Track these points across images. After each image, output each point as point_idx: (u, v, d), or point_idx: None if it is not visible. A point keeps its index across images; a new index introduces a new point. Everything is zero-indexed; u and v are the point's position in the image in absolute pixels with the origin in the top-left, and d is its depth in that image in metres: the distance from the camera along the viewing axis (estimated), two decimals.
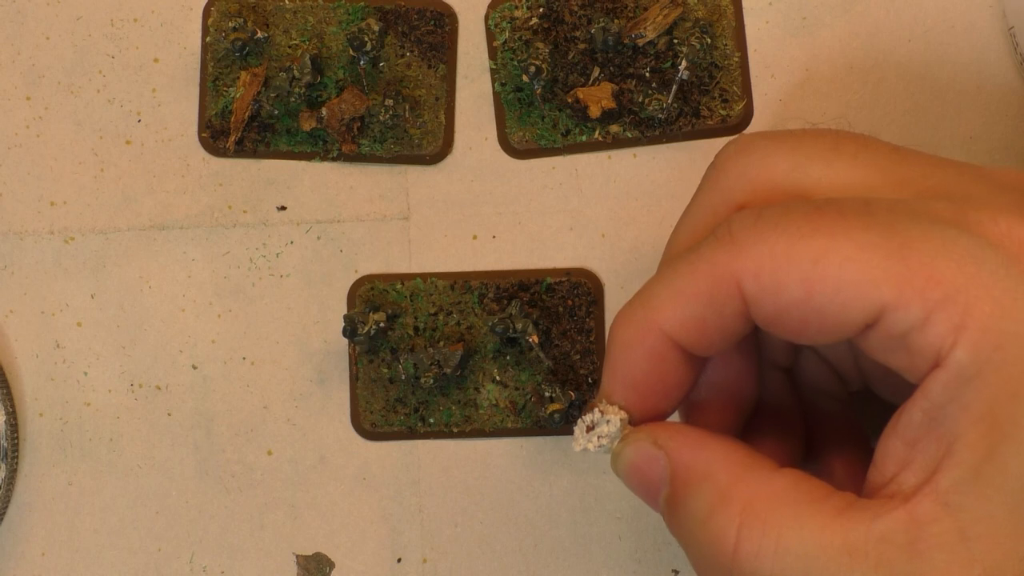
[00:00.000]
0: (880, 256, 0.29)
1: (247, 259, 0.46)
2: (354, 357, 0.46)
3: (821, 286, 0.29)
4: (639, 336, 0.33)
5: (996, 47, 0.45)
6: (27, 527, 0.46)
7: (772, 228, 0.30)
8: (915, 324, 0.29)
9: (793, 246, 0.30)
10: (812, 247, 0.30)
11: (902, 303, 0.29)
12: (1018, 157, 0.45)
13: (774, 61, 0.45)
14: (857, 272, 0.29)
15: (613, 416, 0.33)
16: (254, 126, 0.46)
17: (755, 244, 0.30)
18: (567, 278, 0.45)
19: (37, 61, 0.46)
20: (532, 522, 0.46)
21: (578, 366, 0.45)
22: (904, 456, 0.30)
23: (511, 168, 0.46)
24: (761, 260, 0.30)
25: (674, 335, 0.32)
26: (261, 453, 0.46)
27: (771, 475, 0.31)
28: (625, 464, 0.33)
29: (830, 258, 0.29)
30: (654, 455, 0.33)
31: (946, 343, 0.28)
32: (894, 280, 0.29)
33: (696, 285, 0.31)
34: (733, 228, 0.31)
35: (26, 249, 0.46)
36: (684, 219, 0.35)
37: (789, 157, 0.33)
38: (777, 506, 0.30)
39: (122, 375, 0.46)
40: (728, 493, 0.31)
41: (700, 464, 0.32)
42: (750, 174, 0.33)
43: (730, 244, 0.31)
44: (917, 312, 0.29)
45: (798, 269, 0.30)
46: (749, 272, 0.30)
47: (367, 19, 0.45)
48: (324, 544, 0.46)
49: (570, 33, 0.45)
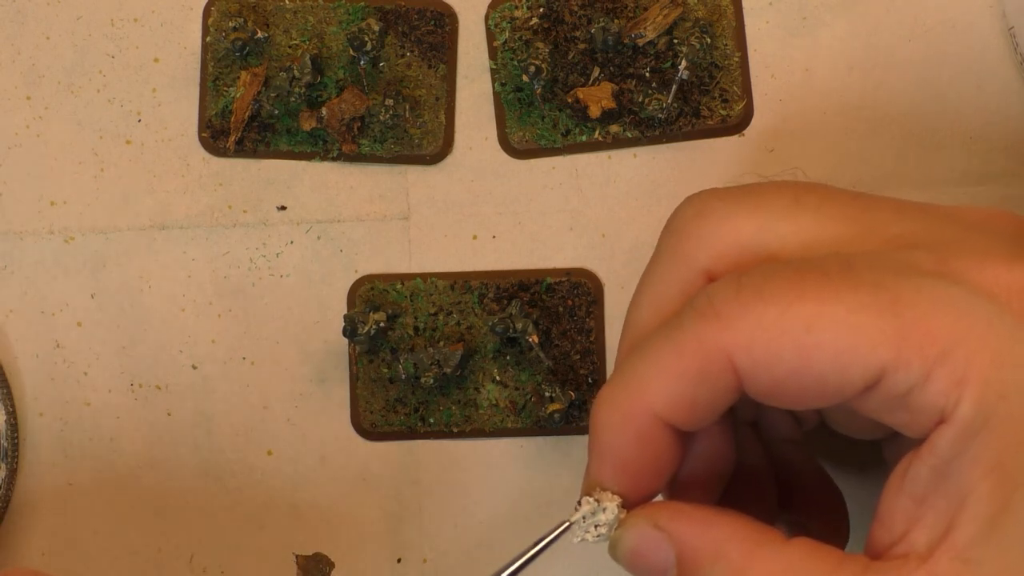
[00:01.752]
0: (873, 317, 0.28)
1: (247, 259, 0.46)
2: (354, 357, 0.46)
3: (818, 353, 0.29)
4: (627, 419, 0.32)
5: (996, 47, 0.45)
6: (27, 527, 0.46)
7: (757, 297, 0.29)
8: (916, 382, 0.28)
9: (783, 315, 0.29)
10: (803, 314, 0.29)
11: (902, 363, 0.28)
12: (1018, 157, 0.45)
13: (774, 61, 0.45)
14: (853, 336, 0.28)
15: (609, 503, 0.32)
16: (254, 126, 0.46)
17: (742, 316, 0.29)
18: (567, 278, 0.45)
19: (37, 61, 0.46)
20: (532, 522, 0.46)
21: (578, 366, 0.45)
22: (913, 513, 0.29)
23: (511, 168, 0.46)
24: (752, 332, 0.29)
25: (664, 415, 0.31)
26: (261, 453, 0.46)
27: (783, 548, 0.30)
28: (626, 550, 0.32)
29: (823, 324, 0.29)
30: (656, 538, 0.32)
31: (950, 399, 0.28)
32: (891, 340, 0.28)
33: (684, 363, 0.30)
34: (715, 301, 0.30)
35: (26, 249, 0.46)
36: (645, 288, 0.34)
37: (751, 218, 0.32)
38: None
39: (122, 375, 0.46)
40: (744, 572, 0.30)
41: (709, 544, 0.31)
42: (712, 239, 0.32)
43: (715, 318, 0.30)
44: (917, 370, 0.28)
45: (792, 338, 0.29)
46: (740, 346, 0.29)
47: (367, 19, 0.45)
48: (324, 544, 0.46)
49: (570, 33, 0.45)
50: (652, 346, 0.31)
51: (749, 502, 0.36)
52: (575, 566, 0.46)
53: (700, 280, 0.33)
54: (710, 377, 0.30)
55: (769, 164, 0.45)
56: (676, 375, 0.31)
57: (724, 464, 0.35)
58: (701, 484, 0.35)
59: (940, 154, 0.45)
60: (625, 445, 0.32)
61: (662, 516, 0.32)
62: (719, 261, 0.32)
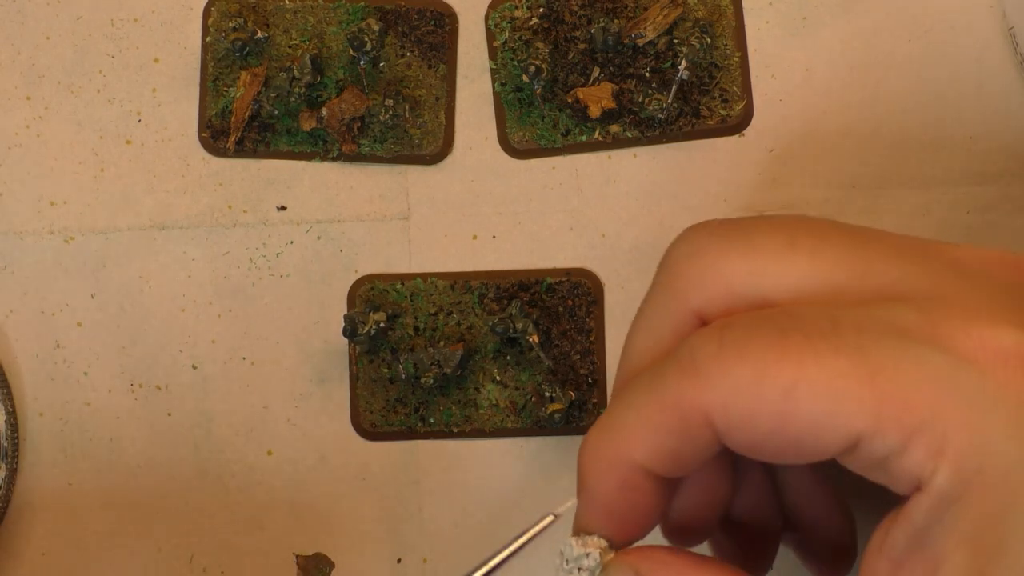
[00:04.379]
0: (852, 384, 0.28)
1: (247, 259, 0.46)
2: (354, 357, 0.46)
3: (794, 419, 0.29)
4: (610, 468, 0.32)
5: (996, 47, 0.45)
6: (27, 527, 0.46)
7: (737, 357, 0.29)
8: (893, 451, 0.28)
9: (761, 378, 0.29)
10: (781, 378, 0.29)
11: (879, 432, 0.28)
12: (1018, 157, 0.45)
13: (774, 61, 0.45)
14: (830, 403, 0.28)
15: (593, 549, 0.33)
16: (254, 126, 0.46)
17: (721, 377, 0.29)
18: (567, 278, 0.45)
19: (37, 61, 0.46)
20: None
21: (578, 366, 0.45)
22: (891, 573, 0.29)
23: (511, 168, 0.46)
24: (729, 394, 0.29)
25: (646, 465, 0.31)
26: (261, 453, 0.46)
27: None
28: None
29: (801, 389, 0.29)
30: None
31: (926, 469, 0.28)
32: (868, 409, 0.28)
33: (663, 417, 0.31)
34: (696, 357, 0.30)
35: (26, 249, 0.46)
36: (640, 322, 0.34)
37: (744, 261, 0.32)
38: None
39: (122, 375, 0.46)
40: None
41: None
42: (705, 281, 0.32)
43: (694, 376, 0.30)
44: (894, 440, 0.28)
45: (768, 403, 0.29)
46: (717, 406, 0.30)
47: (367, 19, 0.45)
48: (324, 544, 0.46)
49: (570, 33, 0.45)
50: (635, 396, 0.31)
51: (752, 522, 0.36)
52: None
53: (692, 321, 0.33)
54: (689, 432, 0.30)
55: (769, 164, 0.45)
56: (656, 428, 0.31)
57: (720, 495, 0.35)
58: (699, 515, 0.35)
59: (940, 154, 0.45)
60: (609, 492, 0.32)
61: (643, 564, 0.32)
62: (710, 304, 0.32)
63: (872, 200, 0.45)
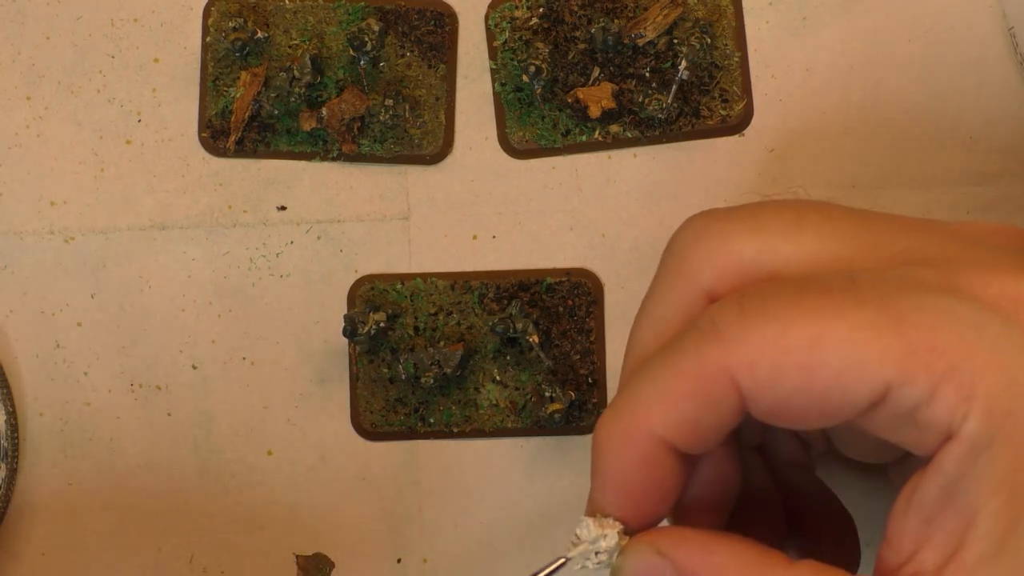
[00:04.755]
0: (878, 333, 0.28)
1: (247, 259, 0.46)
2: (354, 357, 0.46)
3: (822, 371, 0.28)
4: (629, 443, 0.31)
5: (996, 47, 0.45)
6: (27, 527, 0.46)
7: (759, 318, 0.29)
8: (922, 399, 0.28)
9: (786, 333, 0.29)
10: (806, 332, 0.29)
11: (907, 379, 0.28)
12: (1018, 157, 0.45)
13: (774, 61, 0.45)
14: (857, 352, 0.28)
15: (610, 530, 0.32)
16: (254, 126, 0.46)
17: (745, 337, 0.29)
18: (567, 278, 0.45)
19: (37, 61, 0.46)
20: (532, 522, 0.46)
21: (578, 366, 0.45)
22: (921, 533, 0.29)
23: (511, 168, 0.46)
24: (755, 352, 0.29)
25: (667, 438, 0.31)
26: (261, 453, 0.46)
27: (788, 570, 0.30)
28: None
29: (827, 341, 0.28)
30: (658, 565, 0.31)
31: (956, 415, 0.28)
32: (896, 356, 0.28)
33: (686, 385, 0.30)
34: (717, 322, 0.30)
35: (26, 249, 0.46)
36: (647, 309, 0.34)
37: (752, 238, 0.32)
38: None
39: (122, 375, 0.46)
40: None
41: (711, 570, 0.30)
42: (714, 260, 0.32)
43: (717, 339, 0.30)
44: (923, 387, 0.28)
45: (795, 357, 0.29)
46: (744, 366, 0.29)
47: (367, 19, 0.45)
48: (324, 544, 0.46)
49: (570, 33, 0.45)
50: (654, 368, 0.31)
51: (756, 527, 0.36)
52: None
53: (702, 301, 0.32)
54: (713, 398, 0.30)
55: (769, 164, 0.45)
56: (678, 397, 0.30)
57: (730, 488, 0.35)
58: (706, 509, 0.34)
59: (940, 154, 0.45)
60: (627, 469, 0.31)
61: (664, 542, 0.31)
62: (720, 282, 0.32)
63: (872, 200, 0.45)
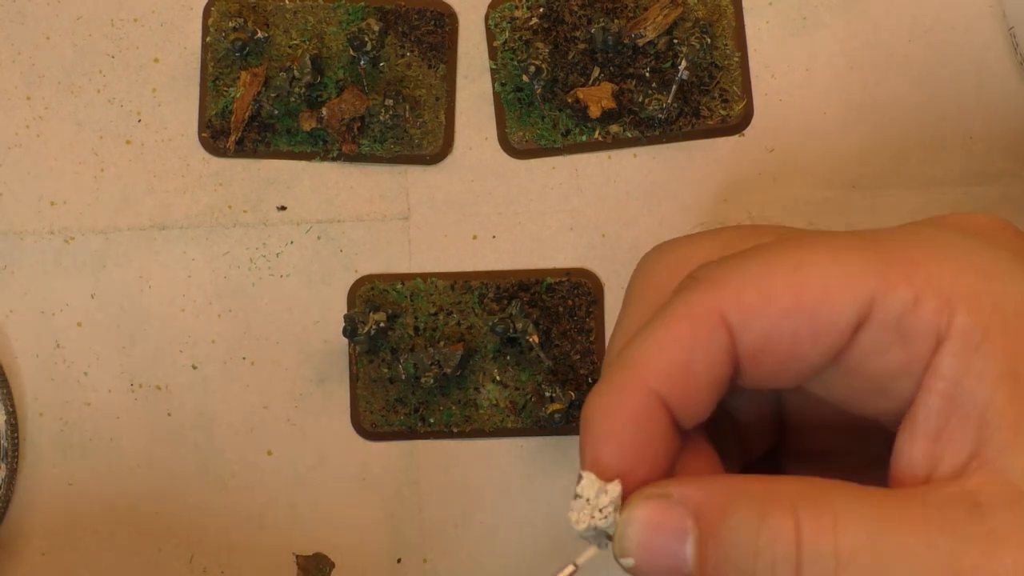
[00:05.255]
0: (857, 252, 0.29)
1: (247, 259, 0.46)
2: (354, 357, 0.46)
3: (807, 288, 0.29)
4: (624, 398, 0.31)
5: (996, 47, 0.45)
6: (27, 527, 0.46)
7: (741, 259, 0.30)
8: (907, 306, 0.29)
9: (769, 264, 0.30)
10: (788, 258, 0.30)
11: (890, 287, 0.29)
12: (1018, 157, 0.45)
13: (774, 61, 0.45)
14: (841, 268, 0.29)
15: (611, 484, 0.30)
16: (254, 126, 0.46)
17: (729, 274, 0.30)
18: (567, 278, 0.46)
19: (37, 61, 0.46)
20: (532, 522, 0.46)
21: (578, 366, 0.45)
22: (933, 452, 0.29)
23: (511, 168, 0.46)
24: (741, 283, 0.30)
25: (661, 389, 0.31)
26: (261, 453, 0.46)
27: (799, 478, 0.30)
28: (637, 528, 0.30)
29: (810, 262, 0.30)
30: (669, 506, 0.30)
31: (943, 317, 0.28)
32: (877, 269, 0.29)
33: (676, 330, 0.30)
34: (699, 274, 0.31)
35: (26, 249, 0.46)
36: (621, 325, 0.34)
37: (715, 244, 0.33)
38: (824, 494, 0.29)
39: (122, 375, 0.46)
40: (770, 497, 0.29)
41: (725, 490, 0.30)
42: (681, 264, 0.33)
43: (702, 286, 0.30)
44: (905, 294, 0.29)
45: (781, 279, 0.30)
46: (731, 299, 0.30)
47: (367, 19, 0.45)
48: (324, 544, 0.46)
49: (570, 33, 0.45)
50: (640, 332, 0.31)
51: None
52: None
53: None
54: (703, 338, 0.30)
55: (769, 164, 0.45)
56: (669, 344, 0.30)
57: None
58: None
59: (940, 154, 0.45)
60: (622, 426, 0.31)
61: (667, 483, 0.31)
62: None
63: (872, 200, 0.45)
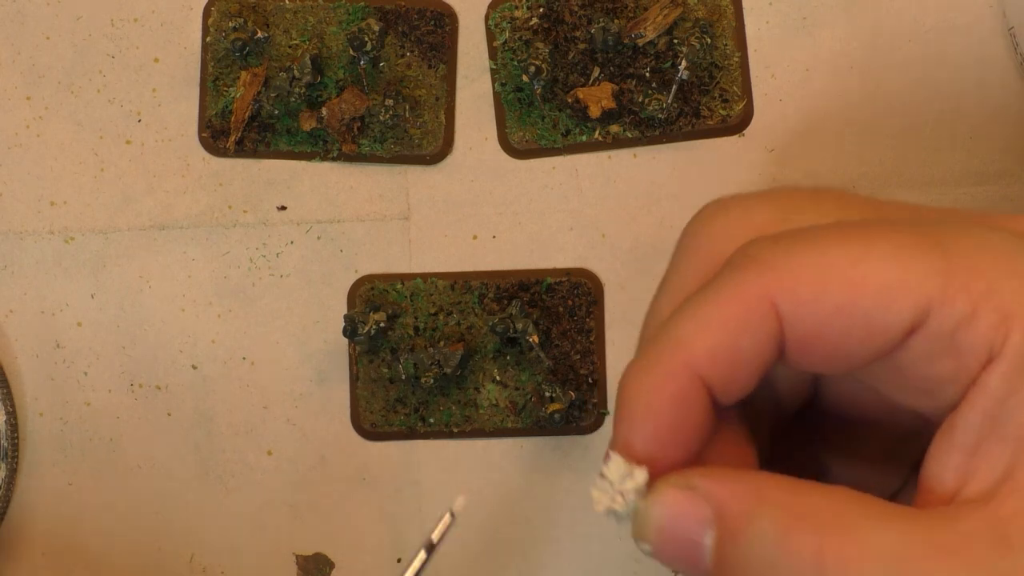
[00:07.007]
0: (919, 253, 0.28)
1: (247, 259, 0.46)
2: (354, 357, 0.46)
3: (864, 288, 0.28)
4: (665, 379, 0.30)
5: (996, 47, 0.45)
6: (27, 527, 0.46)
7: (799, 243, 0.29)
8: (962, 319, 0.28)
9: (827, 254, 0.28)
10: (848, 252, 0.28)
11: (948, 297, 0.28)
12: (1018, 157, 0.45)
13: (774, 61, 0.45)
14: (900, 269, 0.28)
15: (638, 469, 0.30)
16: (254, 126, 0.46)
17: (785, 259, 0.29)
18: (567, 278, 0.46)
19: (37, 61, 0.46)
20: (532, 522, 0.46)
21: (578, 366, 0.45)
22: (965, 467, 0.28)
23: (511, 168, 0.46)
24: (797, 272, 0.29)
25: (704, 371, 0.30)
26: (261, 453, 0.46)
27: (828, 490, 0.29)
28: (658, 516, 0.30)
29: (870, 259, 0.28)
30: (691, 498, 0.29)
31: (998, 334, 0.28)
32: (938, 275, 0.28)
33: (725, 313, 0.29)
34: (753, 253, 0.29)
35: (26, 249, 0.46)
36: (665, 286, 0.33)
37: (772, 209, 0.31)
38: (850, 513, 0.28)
39: (122, 375, 0.46)
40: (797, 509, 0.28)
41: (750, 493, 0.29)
42: (733, 231, 0.31)
43: (756, 267, 0.29)
44: (963, 306, 0.28)
45: (838, 272, 0.28)
46: (785, 287, 0.29)
47: (367, 19, 0.45)
48: (324, 544, 0.46)
49: (570, 33, 0.45)
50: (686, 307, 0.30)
51: None
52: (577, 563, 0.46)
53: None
54: (752, 324, 0.29)
55: (769, 164, 0.45)
56: (717, 326, 0.29)
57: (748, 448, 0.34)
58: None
59: (940, 154, 0.45)
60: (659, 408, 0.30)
61: (694, 475, 0.30)
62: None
63: None
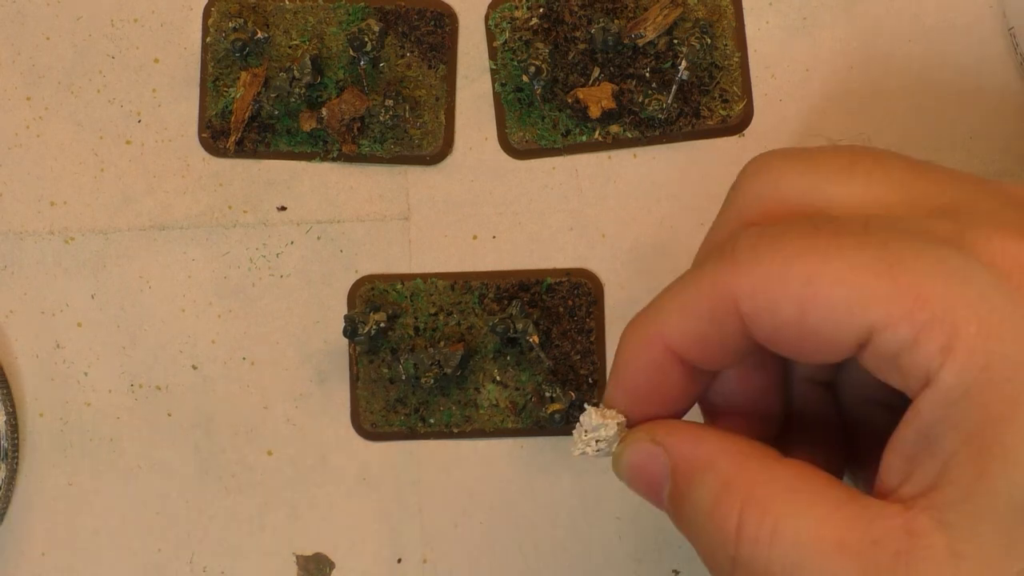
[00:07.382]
0: (870, 276, 0.29)
1: (247, 259, 0.46)
2: (354, 357, 0.46)
3: (813, 306, 0.30)
4: (643, 347, 0.33)
5: (996, 47, 0.45)
6: (27, 527, 0.46)
7: (769, 247, 0.31)
8: (904, 345, 0.29)
9: (787, 266, 0.30)
10: (805, 267, 0.30)
11: (890, 324, 0.29)
12: (1018, 157, 0.45)
13: (774, 61, 0.45)
14: (847, 293, 0.29)
15: (611, 420, 0.34)
16: (254, 126, 0.46)
17: (753, 264, 0.31)
18: (567, 278, 0.46)
19: (37, 61, 0.46)
20: (532, 522, 0.46)
21: (578, 366, 0.45)
22: (904, 470, 0.30)
23: (511, 168, 0.46)
24: (757, 280, 0.31)
25: (676, 348, 0.33)
26: (261, 453, 0.46)
27: (773, 464, 0.31)
28: (626, 464, 0.34)
29: (822, 279, 0.30)
30: (654, 452, 0.33)
31: (934, 364, 0.29)
32: (882, 301, 0.29)
33: (699, 301, 0.32)
34: (735, 246, 0.32)
35: (26, 249, 0.46)
36: (707, 238, 0.36)
37: (803, 177, 0.33)
38: (777, 493, 0.30)
39: (122, 375, 0.46)
40: (730, 481, 0.31)
41: (701, 456, 0.32)
42: (762, 194, 0.34)
43: (731, 262, 0.31)
44: (905, 333, 0.29)
45: (791, 290, 0.30)
46: (745, 291, 0.31)
47: (367, 19, 0.45)
48: (324, 544, 0.46)
49: (570, 33, 0.45)
50: (677, 284, 0.33)
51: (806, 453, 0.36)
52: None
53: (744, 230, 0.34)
54: (717, 317, 0.32)
55: None
56: (690, 311, 0.32)
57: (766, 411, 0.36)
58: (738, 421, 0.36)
59: (940, 154, 0.45)
60: (637, 371, 0.33)
61: (659, 431, 0.33)
62: (764, 215, 0.34)
63: None
